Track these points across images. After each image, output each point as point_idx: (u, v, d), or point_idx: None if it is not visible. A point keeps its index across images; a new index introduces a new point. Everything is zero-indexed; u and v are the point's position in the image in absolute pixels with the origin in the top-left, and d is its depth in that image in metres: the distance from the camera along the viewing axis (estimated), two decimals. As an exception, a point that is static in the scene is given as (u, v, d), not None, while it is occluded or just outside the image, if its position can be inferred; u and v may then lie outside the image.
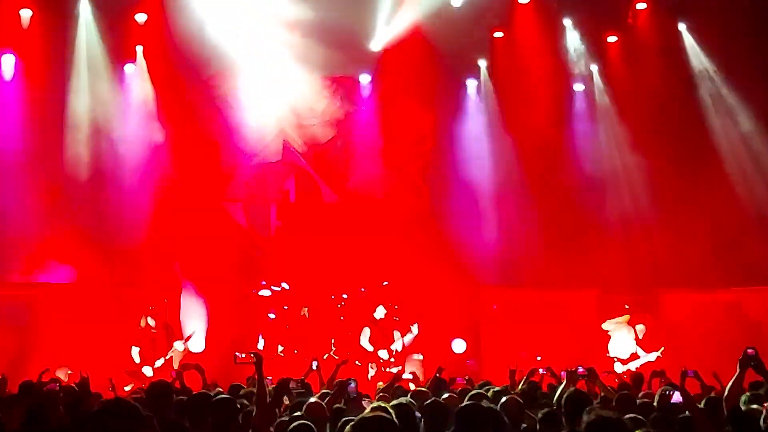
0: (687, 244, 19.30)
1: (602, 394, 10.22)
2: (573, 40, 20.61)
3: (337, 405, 8.91)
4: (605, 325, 18.97)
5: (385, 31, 20.45)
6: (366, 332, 18.51)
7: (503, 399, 8.48)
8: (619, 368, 18.26)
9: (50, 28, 18.88)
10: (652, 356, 18.24)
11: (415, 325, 18.85)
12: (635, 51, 20.41)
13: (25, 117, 18.73)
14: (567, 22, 20.51)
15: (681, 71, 20.33)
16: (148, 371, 17.06)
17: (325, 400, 9.11)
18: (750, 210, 19.41)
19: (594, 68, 20.95)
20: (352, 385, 9.67)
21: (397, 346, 18.77)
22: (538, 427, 7.89)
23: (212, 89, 20.36)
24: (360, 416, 5.05)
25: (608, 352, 18.61)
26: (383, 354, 18.38)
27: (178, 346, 17.56)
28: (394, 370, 18.29)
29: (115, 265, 18.82)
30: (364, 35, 20.37)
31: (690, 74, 20.39)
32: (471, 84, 21.27)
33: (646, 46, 20.25)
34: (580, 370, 10.30)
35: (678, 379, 10.56)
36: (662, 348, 18.37)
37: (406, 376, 13.78)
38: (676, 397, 8.50)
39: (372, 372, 18.12)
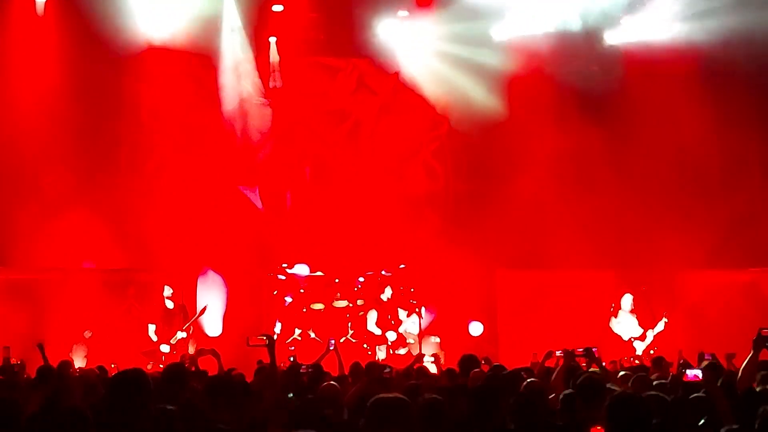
0: (704, 225, 19.23)
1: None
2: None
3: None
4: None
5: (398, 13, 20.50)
6: (372, 315, 18.53)
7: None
8: (640, 347, 18.22)
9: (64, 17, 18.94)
10: (660, 325, 18.14)
11: (422, 309, 18.87)
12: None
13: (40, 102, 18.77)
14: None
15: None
16: (165, 348, 17.17)
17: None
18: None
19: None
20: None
21: (411, 328, 18.76)
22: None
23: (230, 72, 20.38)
24: (376, 396, 5.06)
25: (623, 337, 18.56)
26: (391, 336, 18.39)
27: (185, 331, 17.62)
28: (402, 351, 18.33)
29: (131, 249, 18.89)
30: (379, 17, 20.38)
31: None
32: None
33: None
34: (578, 350, 10.28)
35: (695, 360, 10.61)
36: (664, 318, 18.16)
37: (428, 359, 13.75)
38: (691, 374, 8.45)
39: (381, 355, 18.13)
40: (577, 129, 20.28)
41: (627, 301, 18.62)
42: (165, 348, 17.14)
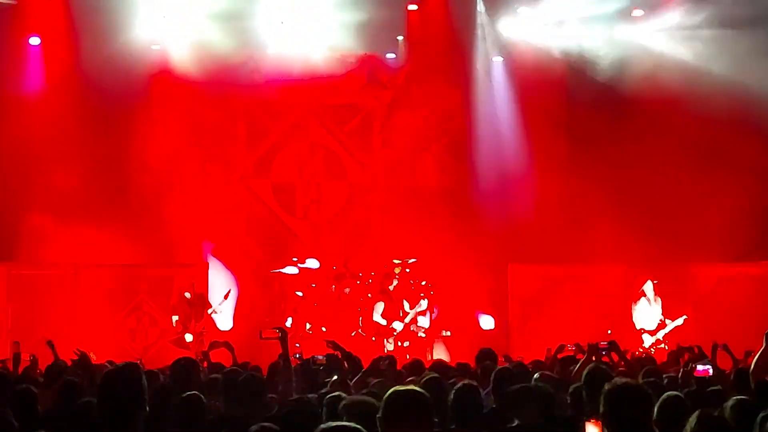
0: (714, 217, 19.18)
1: (622, 368, 10.20)
2: None
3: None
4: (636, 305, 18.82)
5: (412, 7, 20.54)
6: (379, 306, 18.51)
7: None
8: (648, 340, 18.21)
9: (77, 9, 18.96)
10: (680, 320, 18.14)
11: (425, 301, 18.85)
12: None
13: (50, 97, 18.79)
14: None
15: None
16: (189, 337, 17.31)
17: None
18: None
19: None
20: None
21: (421, 321, 18.74)
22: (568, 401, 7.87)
23: (240, 66, 20.40)
24: (393, 389, 5.04)
25: (635, 326, 18.55)
26: (398, 326, 18.37)
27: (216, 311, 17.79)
28: (407, 344, 18.34)
29: (140, 244, 18.91)
30: (391, 12, 20.38)
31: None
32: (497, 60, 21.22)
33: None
34: (602, 343, 10.29)
35: (709, 352, 10.59)
36: (685, 316, 18.19)
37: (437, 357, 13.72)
38: (701, 369, 8.45)
39: (389, 347, 18.12)
40: (587, 124, 20.29)
41: (649, 288, 18.62)
42: (189, 336, 17.31)
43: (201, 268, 19.15)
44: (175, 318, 17.66)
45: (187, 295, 17.73)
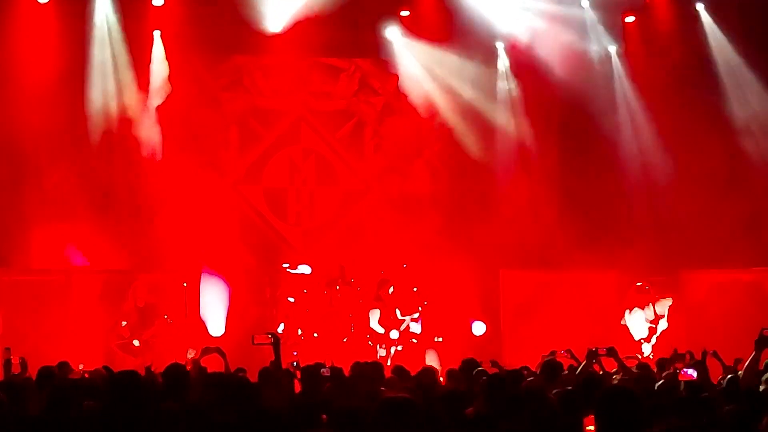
0: (708, 224, 19.22)
1: (620, 374, 10.23)
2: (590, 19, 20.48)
3: None
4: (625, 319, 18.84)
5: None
6: (375, 313, 18.51)
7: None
8: (646, 349, 18.24)
9: (67, 14, 18.91)
10: (664, 322, 18.18)
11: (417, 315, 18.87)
12: (652, 32, 20.32)
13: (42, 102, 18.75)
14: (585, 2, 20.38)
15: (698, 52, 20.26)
16: (136, 342, 17.27)
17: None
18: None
19: (612, 48, 20.86)
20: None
21: (413, 328, 18.77)
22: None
23: (231, 73, 20.44)
24: (384, 398, 5.05)
25: (633, 338, 18.57)
26: (394, 335, 18.39)
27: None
28: (399, 348, 18.37)
29: (132, 250, 18.89)
30: (384, 18, 20.41)
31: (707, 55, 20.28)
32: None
33: (662, 26, 20.17)
34: (601, 349, 10.32)
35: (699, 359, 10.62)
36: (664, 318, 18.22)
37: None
38: (684, 372, 8.49)
39: (382, 352, 18.15)
40: (578, 130, 20.35)
41: (641, 296, 18.69)
42: (136, 342, 17.28)
43: (193, 274, 19.11)
44: (124, 323, 17.60)
45: (138, 302, 17.67)
